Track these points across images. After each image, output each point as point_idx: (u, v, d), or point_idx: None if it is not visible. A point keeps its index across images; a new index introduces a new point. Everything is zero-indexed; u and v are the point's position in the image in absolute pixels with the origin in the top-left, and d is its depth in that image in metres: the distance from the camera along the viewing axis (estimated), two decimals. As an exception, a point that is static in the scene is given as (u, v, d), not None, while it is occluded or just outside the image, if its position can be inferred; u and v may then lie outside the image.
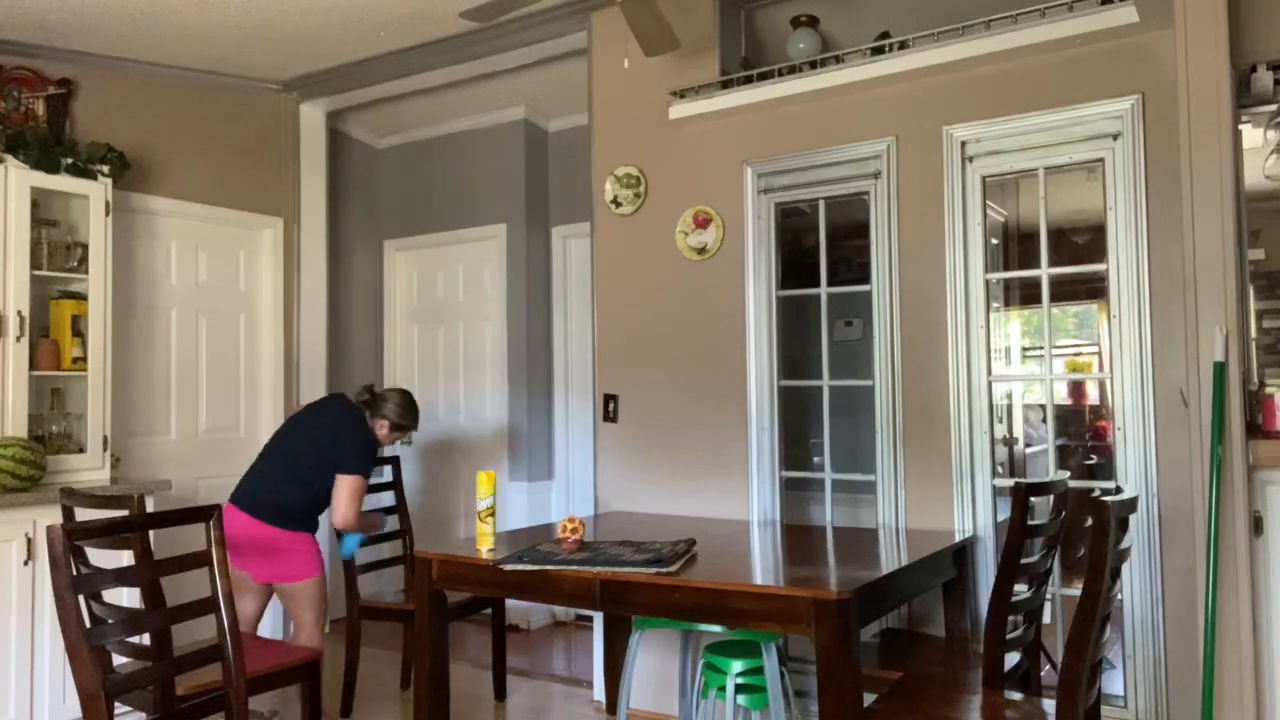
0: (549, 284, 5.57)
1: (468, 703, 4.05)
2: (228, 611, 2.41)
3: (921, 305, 3.38)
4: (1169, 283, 2.97)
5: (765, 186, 3.74)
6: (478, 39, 4.37)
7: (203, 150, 4.76)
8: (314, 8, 3.98)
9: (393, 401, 3.72)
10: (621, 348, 4.05)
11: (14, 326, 3.68)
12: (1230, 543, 2.60)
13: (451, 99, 5.27)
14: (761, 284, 3.74)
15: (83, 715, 2.20)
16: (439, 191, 5.76)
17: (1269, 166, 2.98)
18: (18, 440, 3.54)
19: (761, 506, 3.69)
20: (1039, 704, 2.44)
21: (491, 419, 5.53)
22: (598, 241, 4.14)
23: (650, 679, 3.84)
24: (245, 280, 5.00)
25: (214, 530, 2.43)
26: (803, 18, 3.74)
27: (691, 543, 2.89)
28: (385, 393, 3.76)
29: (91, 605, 2.41)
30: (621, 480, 4.02)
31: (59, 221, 3.98)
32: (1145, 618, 2.98)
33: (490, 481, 2.99)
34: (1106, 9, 2.95)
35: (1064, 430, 5.37)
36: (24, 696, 3.48)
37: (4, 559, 3.46)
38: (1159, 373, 2.98)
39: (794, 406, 3.87)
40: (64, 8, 3.78)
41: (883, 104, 3.48)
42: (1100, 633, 2.15)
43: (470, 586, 2.92)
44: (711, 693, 2.96)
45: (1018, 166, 3.26)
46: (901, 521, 3.39)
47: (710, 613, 2.48)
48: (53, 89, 4.10)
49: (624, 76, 4.05)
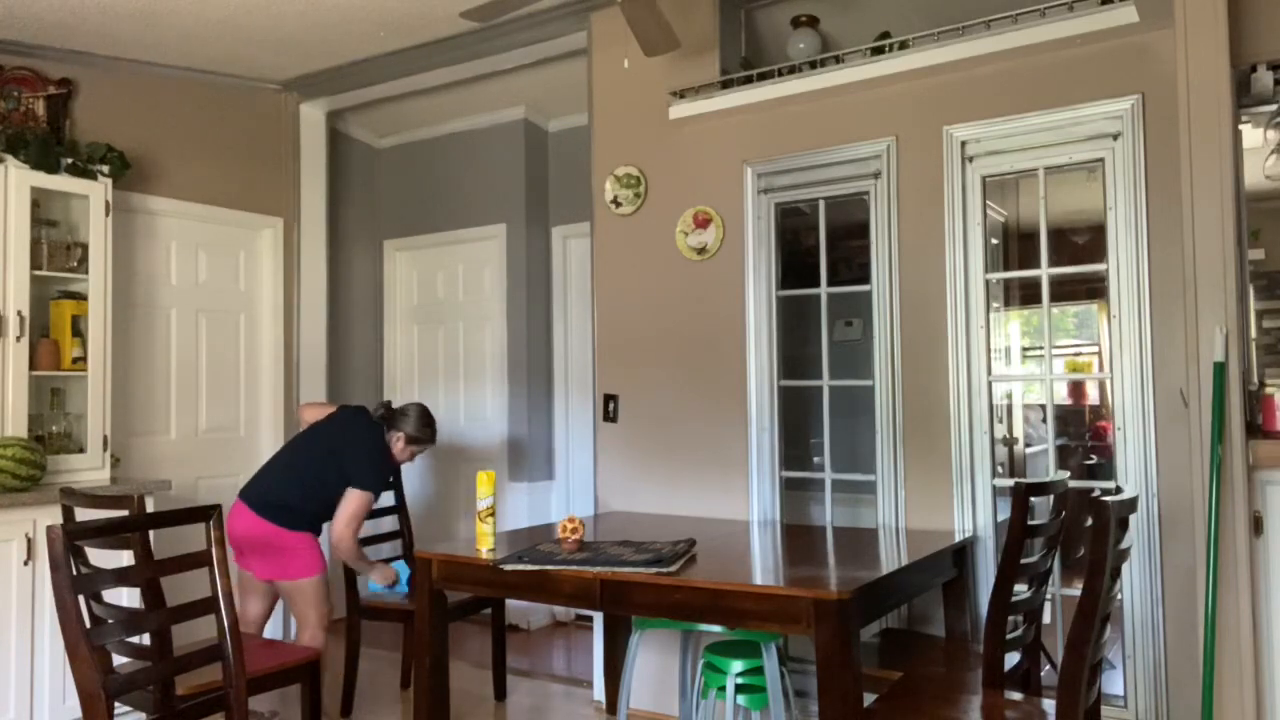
0: (549, 284, 5.57)
1: (468, 703, 4.05)
2: (228, 611, 2.41)
3: (921, 305, 3.38)
4: (1169, 283, 2.97)
5: (765, 186, 3.74)
6: (478, 39, 4.37)
7: (203, 150, 4.76)
8: (314, 8, 3.98)
9: (411, 415, 3.80)
10: (621, 348, 4.05)
11: (14, 326, 3.68)
12: (1230, 543, 2.60)
13: (451, 99, 5.27)
14: (761, 284, 3.74)
15: (83, 715, 2.20)
16: (439, 191, 5.76)
17: (1269, 166, 2.98)
18: (18, 440, 3.54)
19: (761, 506, 3.69)
20: (1039, 704, 2.44)
21: (491, 419, 5.53)
22: (598, 241, 4.14)
23: (650, 679, 3.84)
24: (245, 280, 5.00)
25: (214, 530, 2.43)
26: (803, 18, 3.74)
27: (691, 543, 2.89)
28: (404, 407, 3.84)
29: (91, 605, 2.41)
30: (621, 480, 4.02)
31: (59, 221, 3.98)
32: (1145, 618, 2.98)
33: (490, 481, 2.99)
34: (1106, 9, 2.95)
35: (1064, 430, 5.37)
36: (24, 696, 3.48)
37: (4, 559, 3.46)
38: (1159, 373, 2.98)
39: (794, 406, 3.87)
40: (64, 8, 3.78)
41: (883, 104, 3.48)
42: (1100, 633, 2.15)
43: (470, 586, 2.93)
44: (711, 693, 2.96)
45: (1018, 166, 3.26)
46: (901, 521, 3.39)
47: (710, 613, 2.48)
48: (53, 89, 4.10)
49: (624, 76, 4.05)
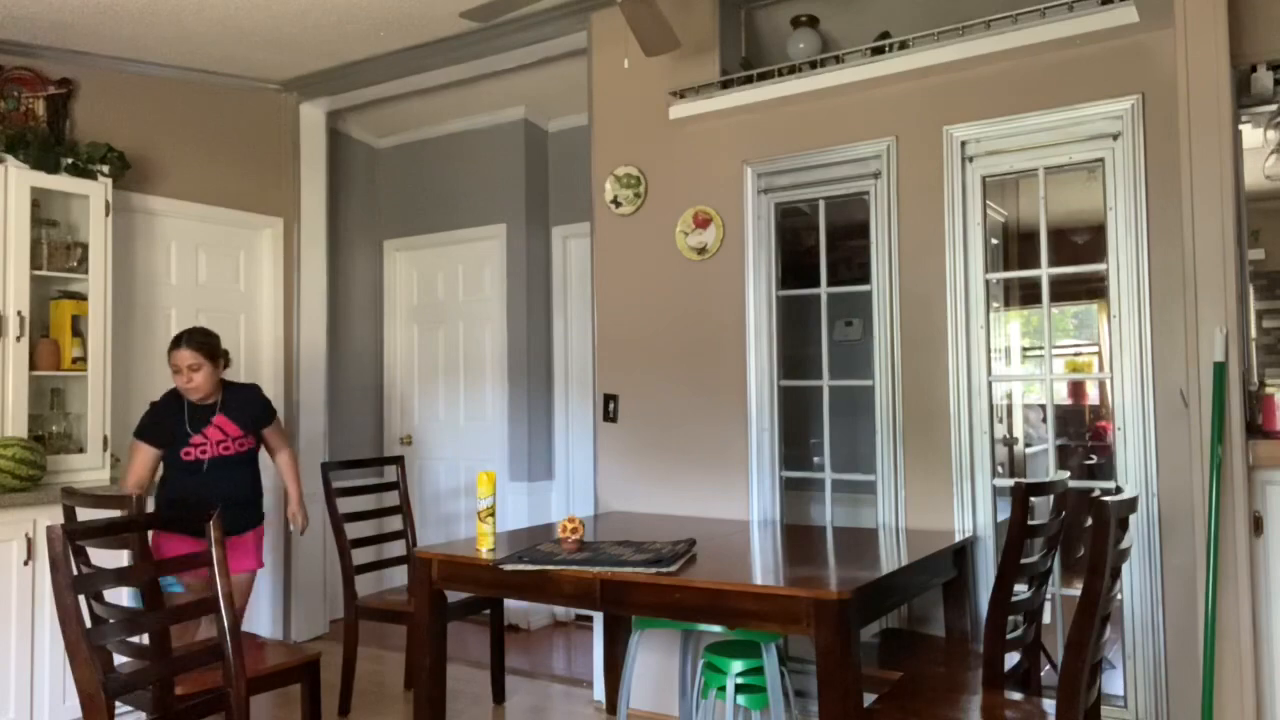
0: (549, 284, 5.57)
1: (468, 703, 4.05)
2: (228, 611, 2.41)
3: (921, 305, 3.38)
4: (1169, 283, 2.97)
5: (765, 186, 3.74)
6: (478, 39, 4.37)
7: (203, 150, 4.76)
8: (314, 8, 3.98)
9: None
10: (621, 348, 4.05)
11: (14, 326, 3.68)
12: (1230, 543, 2.60)
13: (451, 99, 5.27)
14: (761, 284, 3.74)
15: (83, 715, 2.20)
16: (439, 191, 5.76)
17: (1269, 166, 2.98)
18: (18, 440, 3.54)
19: (761, 506, 3.69)
20: (1039, 704, 2.44)
21: (492, 419, 5.53)
22: (598, 241, 4.14)
23: (650, 679, 3.84)
24: (245, 280, 5.00)
25: (214, 530, 2.44)
26: (803, 18, 3.74)
27: (691, 543, 2.89)
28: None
29: (92, 605, 2.41)
30: (621, 480, 4.02)
31: (59, 221, 3.98)
32: (1145, 618, 2.98)
33: (490, 481, 2.99)
34: (1106, 9, 2.95)
35: (1064, 430, 5.37)
36: (24, 696, 3.48)
37: (4, 559, 3.46)
38: (1159, 373, 2.98)
39: (794, 406, 3.87)
40: (64, 8, 3.78)
41: (883, 104, 3.48)
42: (1100, 633, 2.15)
43: (470, 586, 2.92)
44: (711, 693, 2.96)
45: (1018, 166, 3.26)
46: (901, 521, 3.39)
47: (710, 613, 2.48)
48: (53, 89, 4.10)
49: (624, 76, 4.05)
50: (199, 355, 3.44)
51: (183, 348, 3.44)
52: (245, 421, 3.59)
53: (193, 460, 3.48)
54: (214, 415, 3.54)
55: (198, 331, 3.51)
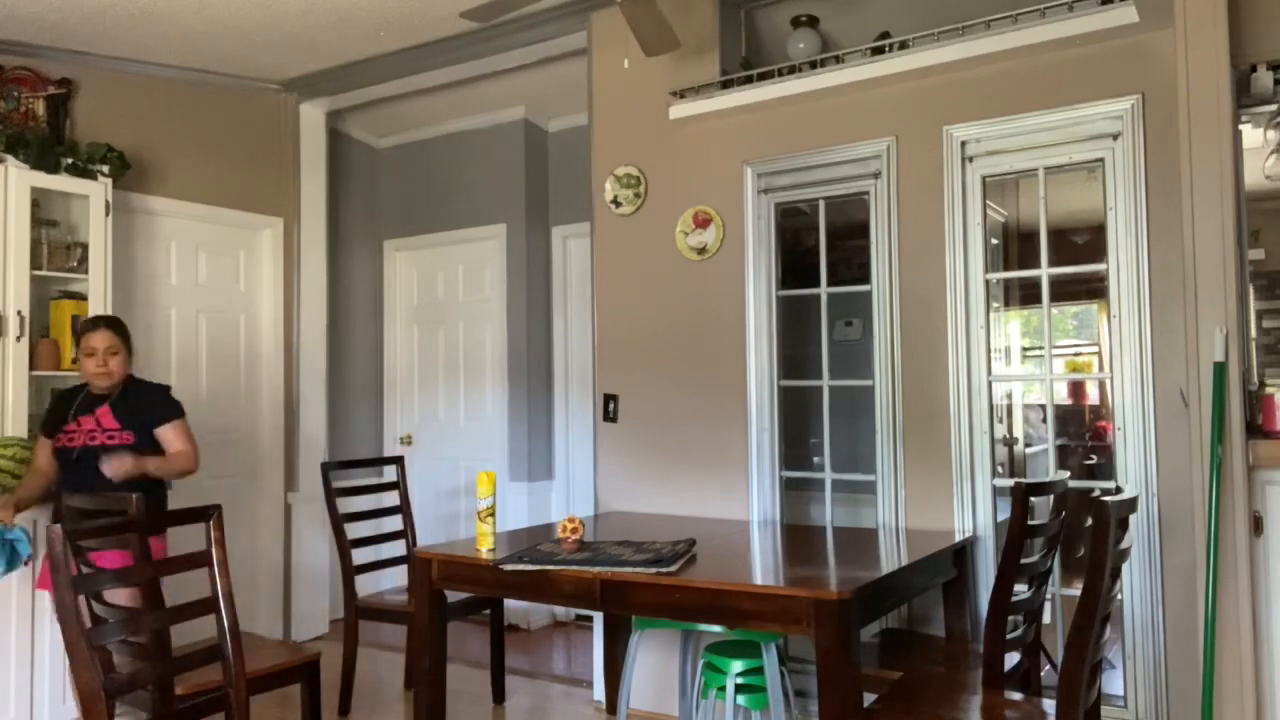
0: (549, 284, 5.57)
1: (468, 703, 4.05)
2: (228, 611, 2.41)
3: (921, 305, 3.38)
4: (1169, 283, 2.97)
5: (765, 186, 3.74)
6: (478, 39, 4.37)
7: (203, 150, 4.76)
8: (314, 8, 3.98)
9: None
10: (621, 348, 4.05)
11: (14, 326, 3.68)
12: (1230, 543, 2.60)
13: (451, 99, 5.27)
14: (761, 284, 3.74)
15: (82, 715, 2.20)
16: (439, 191, 5.76)
17: (1269, 166, 2.98)
18: (18, 440, 3.54)
19: (761, 506, 3.69)
20: (1039, 704, 2.44)
21: (491, 419, 5.53)
22: (598, 241, 4.14)
23: (650, 679, 3.84)
24: (245, 280, 5.00)
25: (214, 530, 2.43)
26: (803, 18, 3.74)
27: (691, 543, 2.89)
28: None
29: (92, 605, 2.41)
30: (621, 480, 4.02)
31: (59, 221, 3.98)
32: (1145, 618, 2.98)
33: (490, 481, 2.99)
34: (1106, 9, 2.95)
35: (1064, 430, 5.37)
36: (24, 696, 3.48)
37: (4, 559, 3.46)
38: (1159, 373, 2.98)
39: (794, 406, 3.87)
40: (64, 8, 3.78)
41: (883, 104, 3.48)
42: (1100, 633, 2.15)
43: (470, 586, 2.93)
44: (711, 693, 2.96)
45: (1018, 166, 3.26)
46: (901, 521, 3.39)
47: (710, 613, 2.48)
48: (53, 89, 4.10)
49: (624, 76, 4.05)
50: (118, 339, 3.34)
51: (102, 328, 3.33)
52: (128, 419, 3.34)
53: (62, 447, 3.34)
54: (99, 406, 3.35)
55: (114, 318, 3.42)
